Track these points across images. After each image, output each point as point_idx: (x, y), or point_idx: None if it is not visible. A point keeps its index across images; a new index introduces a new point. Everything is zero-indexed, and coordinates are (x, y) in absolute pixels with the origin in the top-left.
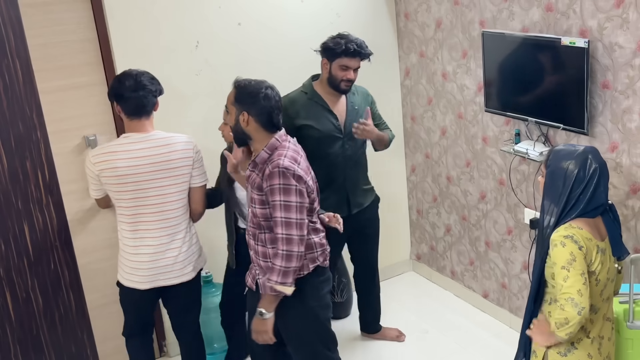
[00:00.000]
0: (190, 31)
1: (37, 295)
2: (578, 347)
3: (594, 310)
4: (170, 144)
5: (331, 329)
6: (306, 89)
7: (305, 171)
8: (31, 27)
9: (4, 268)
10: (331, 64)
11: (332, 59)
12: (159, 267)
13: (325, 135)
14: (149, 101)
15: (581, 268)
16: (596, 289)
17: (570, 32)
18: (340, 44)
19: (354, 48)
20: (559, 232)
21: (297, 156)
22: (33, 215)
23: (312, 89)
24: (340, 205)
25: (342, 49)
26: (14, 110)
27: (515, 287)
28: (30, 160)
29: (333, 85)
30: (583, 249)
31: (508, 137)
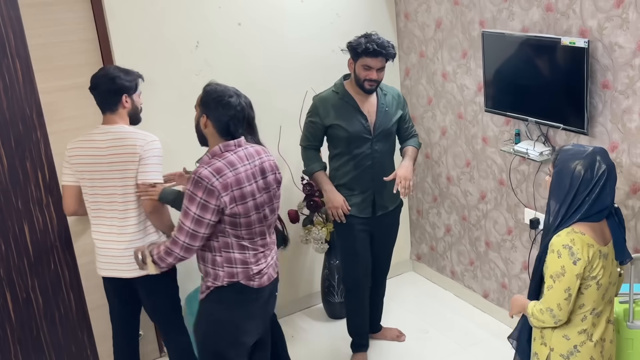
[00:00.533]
0: (190, 31)
1: (37, 296)
2: (581, 351)
3: (597, 313)
4: (123, 139)
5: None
6: (337, 89)
7: (226, 186)
8: (31, 27)
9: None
10: (355, 63)
11: (356, 59)
12: (109, 257)
13: (354, 136)
14: (109, 99)
15: (568, 284)
16: (598, 293)
17: (570, 32)
18: (361, 44)
19: (374, 48)
20: (560, 237)
21: (227, 170)
22: (33, 215)
23: (343, 88)
24: (366, 206)
25: (363, 48)
26: (14, 111)
27: (516, 287)
28: (31, 160)
29: (358, 84)
30: (579, 262)
31: (508, 137)
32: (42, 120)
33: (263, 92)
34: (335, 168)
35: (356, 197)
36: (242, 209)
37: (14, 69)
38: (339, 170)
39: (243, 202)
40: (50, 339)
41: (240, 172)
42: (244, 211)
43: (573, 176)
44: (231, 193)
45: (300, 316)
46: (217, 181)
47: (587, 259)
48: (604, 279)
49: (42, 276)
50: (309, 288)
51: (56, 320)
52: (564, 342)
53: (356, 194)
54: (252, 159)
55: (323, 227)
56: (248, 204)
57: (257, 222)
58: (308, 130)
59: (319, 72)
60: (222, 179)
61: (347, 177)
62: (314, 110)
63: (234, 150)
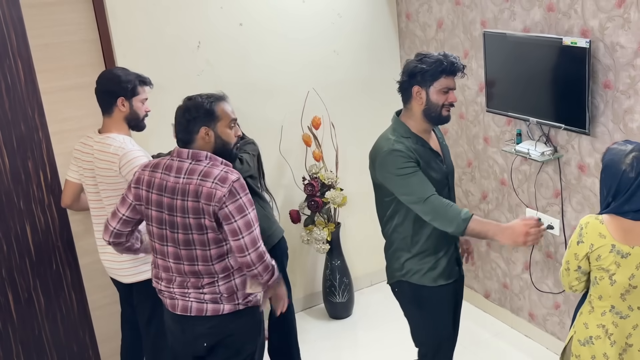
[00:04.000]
0: (191, 32)
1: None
2: (595, 344)
3: (617, 313)
4: (103, 152)
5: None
6: (405, 133)
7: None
8: (33, 27)
9: (6, 268)
10: (427, 89)
11: (429, 83)
12: (109, 261)
13: (439, 183)
14: (104, 101)
15: (567, 257)
16: (612, 289)
17: (571, 32)
18: (439, 61)
19: (455, 61)
20: (584, 217)
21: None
22: (35, 215)
23: (409, 130)
24: (453, 264)
25: (444, 66)
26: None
27: (517, 288)
28: (32, 160)
29: (432, 116)
30: (581, 244)
31: (509, 137)
32: (44, 120)
33: (264, 92)
34: (415, 232)
35: (443, 260)
36: (145, 212)
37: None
38: (418, 234)
39: (146, 205)
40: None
41: (155, 177)
42: (145, 216)
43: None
44: (139, 190)
45: (302, 316)
46: (138, 171)
47: (591, 246)
48: (620, 277)
49: (44, 276)
50: (310, 288)
51: (58, 320)
52: (583, 329)
53: (442, 256)
54: (172, 172)
55: (324, 228)
56: (149, 212)
57: (157, 237)
58: (418, 179)
59: (320, 72)
60: (140, 172)
61: (431, 239)
62: (406, 158)
63: (172, 157)
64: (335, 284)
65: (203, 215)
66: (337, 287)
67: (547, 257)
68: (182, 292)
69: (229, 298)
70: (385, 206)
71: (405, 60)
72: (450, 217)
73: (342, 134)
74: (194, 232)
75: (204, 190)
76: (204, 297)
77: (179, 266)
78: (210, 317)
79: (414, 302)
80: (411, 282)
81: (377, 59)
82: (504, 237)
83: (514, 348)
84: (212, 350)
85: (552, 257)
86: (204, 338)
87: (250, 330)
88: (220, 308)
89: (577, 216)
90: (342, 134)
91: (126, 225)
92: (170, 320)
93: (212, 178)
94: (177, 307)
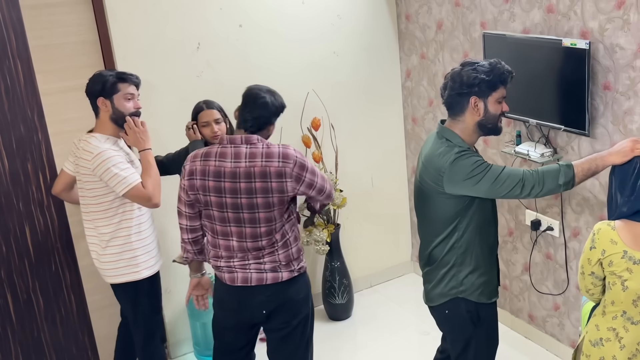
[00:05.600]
0: (191, 33)
1: (38, 297)
2: (605, 345)
3: (629, 318)
4: (79, 158)
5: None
6: (462, 145)
7: (191, 172)
8: (32, 28)
9: (5, 269)
10: (486, 100)
11: (488, 94)
12: (95, 260)
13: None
14: (90, 103)
15: (581, 262)
16: (624, 295)
17: (571, 33)
18: (500, 70)
19: (510, 69)
20: (598, 223)
21: (199, 159)
22: (34, 216)
23: (465, 142)
24: (495, 283)
25: (503, 75)
26: (15, 112)
27: (517, 289)
28: (32, 161)
29: (487, 127)
30: (593, 250)
31: (509, 139)
32: (44, 121)
33: None
34: (475, 242)
35: (494, 273)
36: (203, 199)
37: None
38: (478, 246)
39: (204, 193)
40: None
41: (209, 165)
42: (204, 203)
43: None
44: (193, 180)
45: None
46: (188, 164)
47: (603, 252)
48: (632, 284)
49: (43, 277)
50: None
51: (57, 321)
52: (595, 330)
53: (494, 269)
54: (227, 158)
55: (324, 229)
56: (209, 198)
57: (219, 220)
58: (497, 168)
59: (320, 73)
60: (190, 164)
61: (486, 250)
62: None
63: (223, 145)
64: (334, 285)
65: (272, 194)
66: (337, 288)
67: (547, 259)
68: (242, 265)
69: (287, 265)
70: (446, 222)
71: (451, 70)
72: (555, 174)
73: (341, 135)
74: (260, 211)
75: (272, 170)
76: (264, 267)
77: (242, 244)
78: (270, 285)
79: (470, 320)
80: (468, 300)
81: (377, 60)
82: (614, 157)
83: (514, 349)
84: (269, 316)
85: (551, 259)
86: (263, 305)
87: (305, 294)
88: (279, 276)
89: (576, 217)
90: (342, 135)
91: (194, 220)
92: (225, 294)
93: (275, 157)
94: (236, 279)
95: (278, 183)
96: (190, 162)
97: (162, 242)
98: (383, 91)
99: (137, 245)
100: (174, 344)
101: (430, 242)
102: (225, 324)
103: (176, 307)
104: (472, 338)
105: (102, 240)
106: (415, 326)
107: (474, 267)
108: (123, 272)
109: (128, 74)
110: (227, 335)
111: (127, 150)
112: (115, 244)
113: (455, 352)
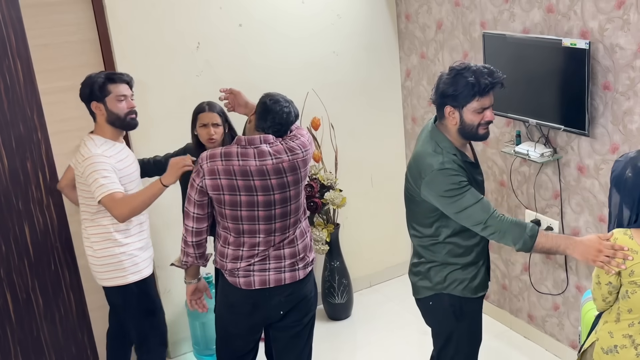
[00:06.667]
0: (191, 32)
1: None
2: (620, 352)
3: None
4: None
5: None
6: (451, 149)
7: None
8: (32, 27)
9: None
10: (461, 110)
11: (462, 105)
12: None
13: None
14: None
15: (597, 271)
16: None
17: (571, 33)
18: (470, 85)
19: (489, 81)
20: (614, 232)
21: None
22: (34, 215)
23: (453, 145)
24: (487, 274)
25: (474, 90)
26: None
27: (516, 289)
28: (31, 161)
29: (468, 134)
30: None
31: (509, 139)
32: (43, 121)
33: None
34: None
35: (482, 270)
36: (229, 199)
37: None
38: (467, 247)
39: (232, 193)
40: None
41: (233, 165)
42: (230, 203)
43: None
44: (217, 180)
45: None
46: (206, 164)
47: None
48: None
49: (42, 277)
50: None
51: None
52: (608, 337)
53: (481, 265)
54: (250, 157)
55: (323, 229)
56: (238, 198)
57: (247, 219)
58: (473, 199)
59: (319, 73)
60: (210, 164)
61: (476, 249)
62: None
63: (242, 145)
64: (334, 285)
65: (301, 183)
66: (336, 288)
67: (547, 259)
68: (262, 268)
69: (303, 259)
70: (429, 222)
71: (440, 73)
72: (516, 235)
73: (341, 135)
74: (292, 203)
75: (299, 162)
76: (284, 263)
77: (270, 238)
78: (288, 285)
79: (453, 314)
80: (452, 295)
81: (377, 60)
82: (577, 252)
83: (513, 349)
84: (285, 316)
85: (551, 259)
86: (281, 306)
87: (315, 292)
88: (297, 275)
89: (576, 217)
90: (342, 134)
91: (201, 223)
92: (238, 298)
93: (298, 149)
94: (253, 283)
95: (305, 170)
96: (208, 161)
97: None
98: (383, 91)
99: (123, 249)
100: (173, 343)
101: (416, 236)
102: (235, 329)
103: (176, 307)
104: (453, 332)
105: (93, 242)
106: (414, 325)
107: (459, 264)
108: (110, 276)
109: (117, 74)
110: (236, 340)
111: (125, 154)
112: (102, 247)
113: (438, 346)
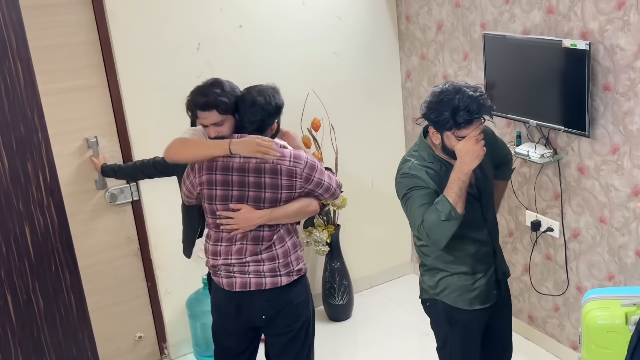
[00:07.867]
0: (191, 33)
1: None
2: None
3: None
4: None
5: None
6: (428, 158)
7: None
8: (33, 28)
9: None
10: (442, 134)
11: (441, 132)
12: None
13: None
14: None
15: None
16: None
17: (571, 34)
18: (446, 119)
19: (466, 119)
20: None
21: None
22: (34, 216)
23: (434, 155)
24: (491, 287)
25: (450, 123)
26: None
27: (517, 290)
28: (32, 162)
29: (450, 154)
30: None
31: (509, 139)
32: (44, 122)
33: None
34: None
35: (481, 282)
36: (207, 193)
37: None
38: (455, 252)
39: (209, 187)
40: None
41: (217, 161)
42: (208, 197)
43: None
44: (202, 176)
45: None
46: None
47: None
48: None
49: (43, 278)
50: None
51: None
52: None
53: (480, 277)
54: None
55: (324, 230)
56: (214, 192)
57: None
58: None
59: (320, 74)
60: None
61: (469, 257)
62: (412, 182)
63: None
64: (334, 286)
65: (280, 190)
66: (337, 289)
67: (547, 260)
68: (241, 270)
69: (285, 266)
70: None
71: (432, 90)
72: (435, 216)
73: (341, 136)
74: (266, 205)
75: (283, 169)
76: (263, 268)
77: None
78: (268, 290)
79: (446, 320)
80: (445, 302)
81: (377, 60)
82: (465, 165)
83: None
84: (271, 321)
85: (551, 260)
86: (263, 310)
87: (305, 297)
88: (279, 281)
89: (576, 218)
90: (342, 136)
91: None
92: (223, 300)
93: (287, 157)
94: (235, 284)
95: (288, 180)
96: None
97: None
98: (383, 92)
99: None
100: (174, 344)
101: (415, 237)
102: (225, 330)
103: (176, 307)
104: (447, 337)
105: None
106: (415, 327)
107: (449, 272)
108: None
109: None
110: (227, 340)
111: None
112: None
113: (437, 345)
